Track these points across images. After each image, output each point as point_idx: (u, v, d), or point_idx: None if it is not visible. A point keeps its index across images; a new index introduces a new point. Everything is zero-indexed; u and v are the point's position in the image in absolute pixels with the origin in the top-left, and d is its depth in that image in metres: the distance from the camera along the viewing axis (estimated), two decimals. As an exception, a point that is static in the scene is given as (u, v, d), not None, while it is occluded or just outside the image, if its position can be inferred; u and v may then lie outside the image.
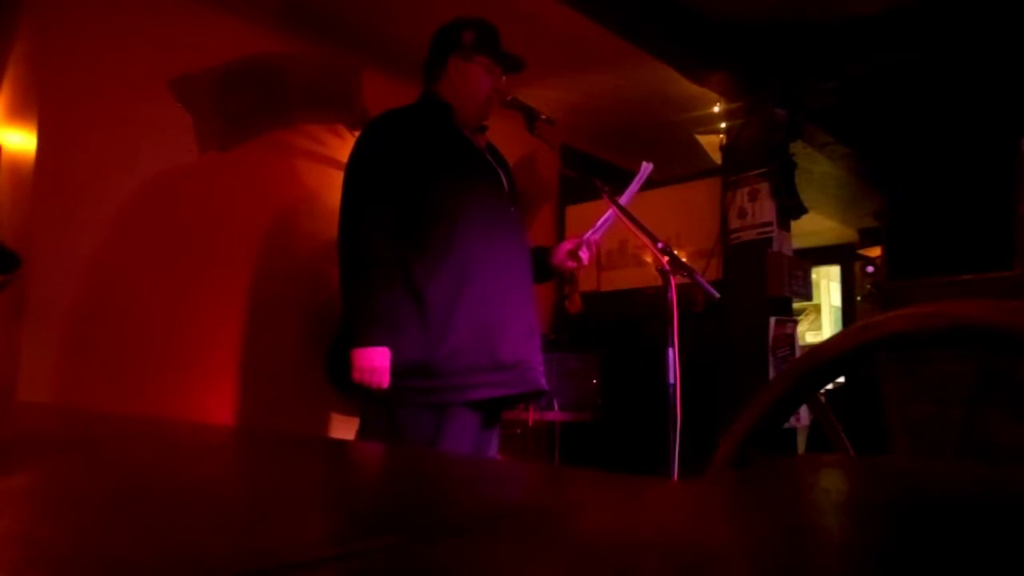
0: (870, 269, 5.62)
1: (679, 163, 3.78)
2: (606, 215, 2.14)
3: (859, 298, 6.10)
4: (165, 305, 2.53)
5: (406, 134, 1.99)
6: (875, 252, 5.37)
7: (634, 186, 2.15)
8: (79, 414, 1.24)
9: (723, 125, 3.47)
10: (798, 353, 3.25)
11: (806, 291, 3.38)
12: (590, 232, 2.17)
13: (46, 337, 2.26)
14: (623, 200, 2.09)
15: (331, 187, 3.04)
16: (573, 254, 2.17)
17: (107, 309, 2.40)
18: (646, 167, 2.14)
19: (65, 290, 2.31)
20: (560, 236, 3.92)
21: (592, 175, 2.19)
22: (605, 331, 3.63)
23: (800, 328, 3.84)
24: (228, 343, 2.70)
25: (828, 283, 6.61)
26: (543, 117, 2.15)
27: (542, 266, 2.20)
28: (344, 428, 2.92)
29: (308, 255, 2.95)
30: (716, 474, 0.87)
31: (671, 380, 1.94)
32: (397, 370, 1.85)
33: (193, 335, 2.59)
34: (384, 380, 1.83)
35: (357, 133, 2.12)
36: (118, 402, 2.36)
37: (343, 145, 3.07)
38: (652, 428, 2.07)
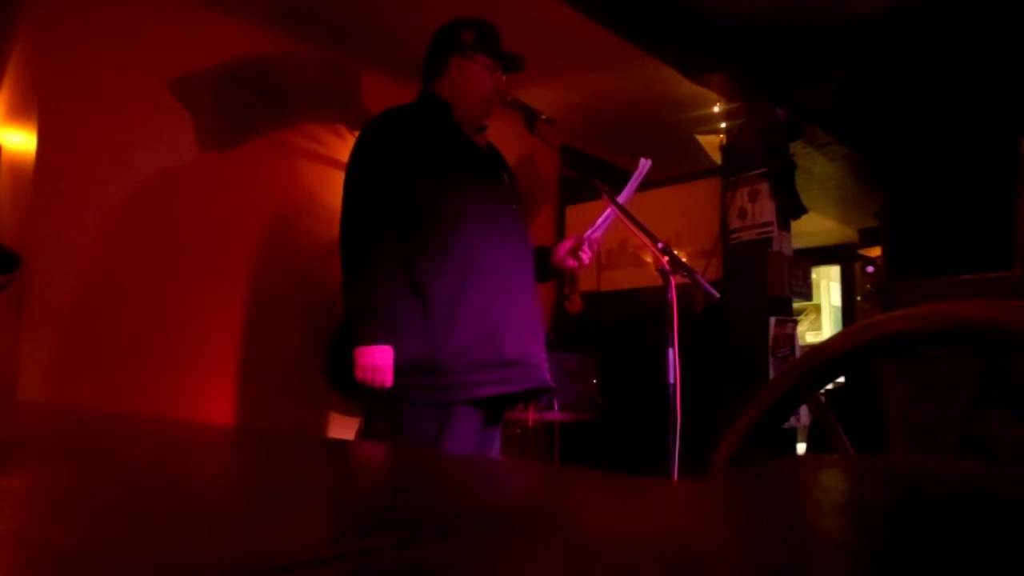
0: (870, 269, 5.63)
1: (679, 163, 3.78)
2: (606, 213, 2.14)
3: (859, 298, 6.10)
4: (165, 305, 2.53)
5: (407, 132, 1.99)
6: (875, 252, 5.37)
7: (633, 183, 2.13)
8: (79, 414, 1.24)
9: (723, 125, 3.47)
10: (798, 353, 3.25)
11: (806, 291, 3.38)
12: (591, 230, 2.16)
13: (46, 337, 2.26)
14: (622, 197, 2.08)
15: (331, 187, 3.04)
16: (574, 253, 2.17)
17: (107, 309, 2.40)
18: (644, 163, 2.11)
19: (65, 290, 2.31)
20: (560, 236, 3.92)
21: (592, 175, 2.18)
22: (605, 331, 3.63)
23: (800, 328, 3.84)
24: (228, 343, 2.70)
25: (828, 283, 6.61)
26: (543, 117, 2.15)
27: (543, 265, 2.19)
28: (344, 428, 2.92)
29: (308, 255, 2.95)
30: (716, 474, 0.87)
31: (671, 380, 1.94)
32: (401, 369, 1.84)
33: (193, 335, 2.59)
34: (387, 379, 1.82)
35: (357, 133, 2.12)
36: (118, 402, 2.36)
37: (343, 145, 3.07)
38: (652, 428, 2.07)
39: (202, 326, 2.62)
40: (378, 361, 1.82)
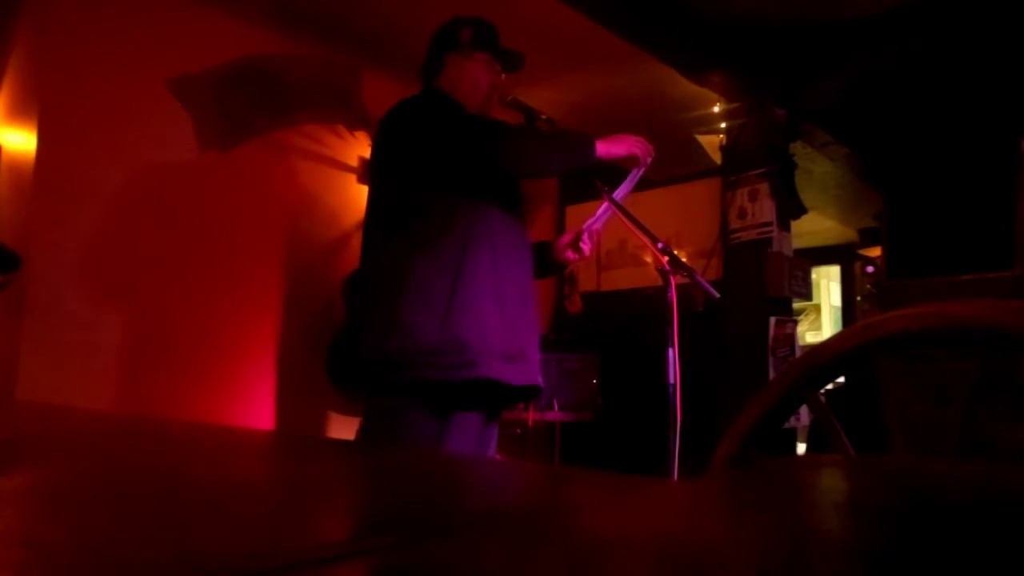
0: (870, 269, 5.63)
1: (679, 163, 3.78)
2: (606, 204, 2.11)
3: (859, 298, 6.10)
4: (164, 305, 2.53)
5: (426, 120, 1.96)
6: (875, 252, 5.37)
7: (633, 177, 2.07)
8: (79, 414, 1.24)
9: (723, 125, 3.47)
10: (798, 353, 3.25)
11: (806, 291, 3.38)
12: (591, 220, 2.12)
13: (46, 337, 2.26)
14: (623, 190, 2.05)
15: (331, 187, 3.05)
16: (574, 245, 2.15)
17: (107, 309, 2.40)
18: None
19: (65, 290, 2.32)
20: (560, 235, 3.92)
21: (592, 175, 2.18)
22: (605, 331, 3.63)
23: (800, 328, 3.84)
24: (228, 343, 2.70)
25: (828, 283, 6.61)
26: (543, 117, 2.14)
27: (543, 261, 2.18)
28: (344, 428, 2.92)
29: (308, 255, 2.95)
30: (716, 474, 0.87)
31: (671, 380, 1.93)
32: (397, 360, 1.83)
33: (192, 335, 2.59)
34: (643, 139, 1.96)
35: (357, 133, 2.11)
36: (118, 402, 2.36)
37: (343, 145, 3.08)
38: (652, 428, 2.07)
39: (201, 326, 2.62)
40: (622, 141, 1.95)
